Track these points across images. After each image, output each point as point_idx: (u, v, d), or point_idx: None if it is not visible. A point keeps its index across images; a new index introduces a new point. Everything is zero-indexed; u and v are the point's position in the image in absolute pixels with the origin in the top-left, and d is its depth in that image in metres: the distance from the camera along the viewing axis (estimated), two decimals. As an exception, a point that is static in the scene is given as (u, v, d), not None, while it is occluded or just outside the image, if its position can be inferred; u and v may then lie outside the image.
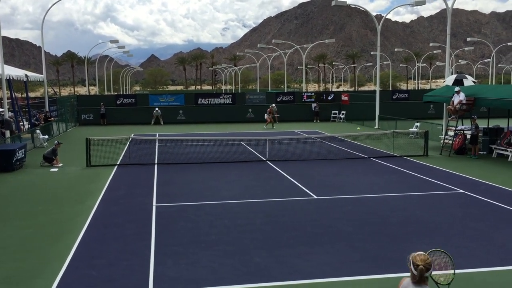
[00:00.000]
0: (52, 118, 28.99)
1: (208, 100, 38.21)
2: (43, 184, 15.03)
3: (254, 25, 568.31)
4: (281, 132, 28.87)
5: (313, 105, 38.16)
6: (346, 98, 38.00)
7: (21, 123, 27.26)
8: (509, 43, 66.68)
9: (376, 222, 10.35)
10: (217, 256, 8.40)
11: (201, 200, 12.51)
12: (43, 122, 26.87)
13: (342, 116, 37.36)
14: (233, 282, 7.35)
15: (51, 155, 18.18)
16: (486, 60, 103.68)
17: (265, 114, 33.66)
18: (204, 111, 37.51)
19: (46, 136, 24.69)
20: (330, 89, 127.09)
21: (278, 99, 38.54)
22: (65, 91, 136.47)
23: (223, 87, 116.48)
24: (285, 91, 56.19)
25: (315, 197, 12.74)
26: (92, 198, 12.80)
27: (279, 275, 7.59)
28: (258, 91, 71.52)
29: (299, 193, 13.22)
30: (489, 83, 71.74)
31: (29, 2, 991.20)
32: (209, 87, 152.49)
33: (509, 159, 18.28)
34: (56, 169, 17.39)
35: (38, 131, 24.01)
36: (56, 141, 19.15)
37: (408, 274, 4.62)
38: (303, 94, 40.25)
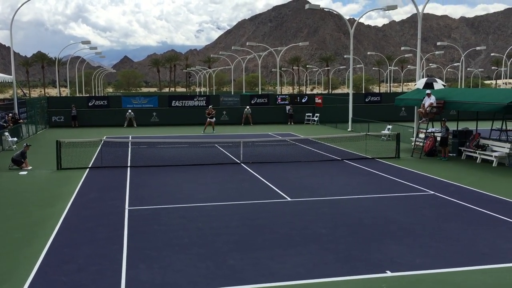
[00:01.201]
0: (21, 120, 28.33)
1: (182, 102, 37.97)
2: (11, 188, 14.65)
3: (229, 27, 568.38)
4: (255, 134, 28.91)
5: (287, 107, 38.35)
6: (319, 100, 38.32)
7: (-11, 125, 26.52)
8: (477, 48, 68.55)
9: (349, 224, 10.45)
10: (191, 260, 8.34)
11: (174, 203, 12.41)
12: (11, 124, 26.21)
13: (315, 119, 37.65)
14: (207, 285, 7.31)
15: (20, 158, 17.76)
16: (455, 64, 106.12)
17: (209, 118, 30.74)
18: (178, 113, 37.24)
19: (15, 139, 24.12)
20: (304, 91, 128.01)
21: (252, 102, 38.58)
22: (35, 93, 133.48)
23: (197, 89, 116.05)
24: (260, 93, 56.31)
25: (289, 199, 12.79)
26: (63, 202, 12.55)
27: (253, 277, 7.59)
28: (232, 93, 71.48)
29: (273, 195, 13.25)
30: (459, 87, 73.43)
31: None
32: (183, 89, 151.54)
33: (477, 161, 18.72)
34: (25, 172, 16.98)
35: (6, 133, 23.43)
36: (25, 144, 18.71)
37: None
38: (277, 96, 40.38)
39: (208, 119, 30.90)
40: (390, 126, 26.40)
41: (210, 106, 32.48)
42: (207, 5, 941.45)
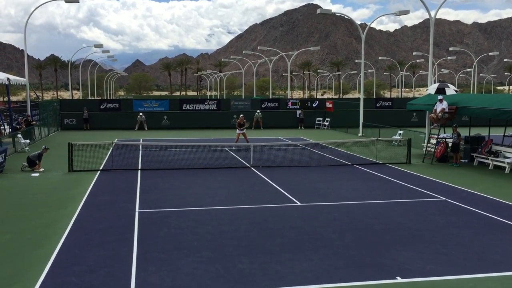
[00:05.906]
0: (34, 122, 28.62)
1: (193, 106, 38.13)
2: (23, 189, 14.79)
3: (239, 32, 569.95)
4: (265, 138, 28.90)
5: (298, 112, 38.33)
6: (330, 105, 38.26)
7: (2, 127, 26.86)
8: (490, 53, 67.93)
9: (360, 229, 10.40)
10: (200, 263, 8.36)
11: (184, 206, 12.44)
12: (24, 126, 26.48)
13: (326, 123, 37.57)
14: (215, 289, 7.31)
15: (36, 159, 17.91)
16: (468, 70, 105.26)
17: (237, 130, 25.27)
18: (189, 117, 37.43)
19: (28, 141, 24.37)
20: (315, 96, 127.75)
21: (263, 106, 38.63)
22: (48, 95, 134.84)
23: (208, 93, 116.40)
24: (270, 97, 56.31)
25: (299, 203, 12.76)
26: (74, 204, 12.64)
27: (262, 281, 7.58)
28: (243, 97, 71.60)
29: (283, 199, 13.23)
30: (471, 92, 72.85)
31: (11, 5, 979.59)
32: (194, 93, 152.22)
33: (489, 168, 18.55)
34: (37, 174, 17.14)
35: (19, 135, 23.68)
36: (44, 146, 18.87)
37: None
38: (288, 101, 40.39)
39: (238, 131, 25.15)
40: (401, 132, 26.25)
41: (241, 116, 26.21)
42: (217, 9, 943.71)
